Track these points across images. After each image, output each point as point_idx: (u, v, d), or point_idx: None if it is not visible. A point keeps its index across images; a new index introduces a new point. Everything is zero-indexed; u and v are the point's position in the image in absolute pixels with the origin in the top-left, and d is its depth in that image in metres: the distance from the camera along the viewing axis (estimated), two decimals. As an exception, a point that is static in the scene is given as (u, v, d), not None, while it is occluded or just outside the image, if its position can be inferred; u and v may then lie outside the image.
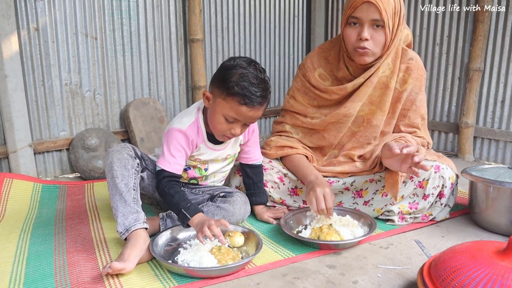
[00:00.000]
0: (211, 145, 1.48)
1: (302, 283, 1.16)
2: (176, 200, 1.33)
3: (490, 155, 2.45)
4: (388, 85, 1.58)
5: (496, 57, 2.34)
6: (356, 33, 1.48)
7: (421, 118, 1.63)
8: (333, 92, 1.62)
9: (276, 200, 1.67)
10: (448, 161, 1.57)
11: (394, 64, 1.58)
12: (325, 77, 1.66)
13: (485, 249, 1.01)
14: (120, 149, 1.37)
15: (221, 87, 1.33)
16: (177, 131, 1.41)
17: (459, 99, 2.53)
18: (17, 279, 1.17)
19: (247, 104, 1.30)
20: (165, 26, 2.50)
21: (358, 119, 1.63)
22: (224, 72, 1.33)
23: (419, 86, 1.60)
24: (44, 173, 2.22)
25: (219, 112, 1.35)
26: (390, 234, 1.47)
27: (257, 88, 1.31)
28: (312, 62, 1.68)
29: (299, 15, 3.18)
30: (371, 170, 1.56)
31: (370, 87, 1.58)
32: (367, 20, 1.45)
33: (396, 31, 1.50)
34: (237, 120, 1.35)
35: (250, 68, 1.32)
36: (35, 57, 2.10)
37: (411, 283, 1.16)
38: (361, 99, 1.59)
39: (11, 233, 1.49)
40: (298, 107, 1.70)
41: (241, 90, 1.29)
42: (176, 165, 1.40)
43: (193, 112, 1.46)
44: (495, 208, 1.45)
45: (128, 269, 1.16)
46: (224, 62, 1.37)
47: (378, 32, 1.47)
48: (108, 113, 2.39)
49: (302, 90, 1.70)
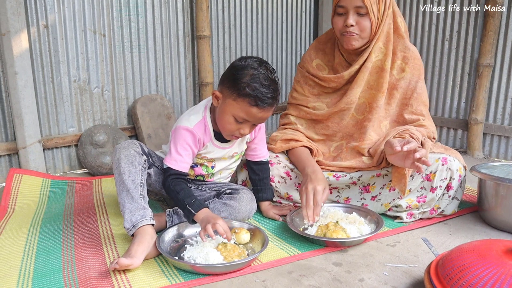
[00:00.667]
0: (218, 144, 1.48)
1: (307, 281, 1.16)
2: (181, 197, 1.34)
3: (500, 152, 2.42)
4: (383, 67, 1.64)
5: (507, 53, 2.31)
6: (342, 21, 1.58)
7: (423, 104, 1.66)
8: (330, 80, 1.69)
9: (283, 195, 1.67)
10: (456, 153, 1.56)
11: (386, 47, 1.64)
12: (322, 67, 1.75)
13: (494, 248, 0.99)
14: (127, 145, 1.38)
15: (231, 88, 1.32)
16: (184, 130, 1.41)
17: (469, 95, 2.50)
18: (26, 274, 1.19)
19: (258, 106, 1.30)
20: (172, 23, 2.51)
21: (361, 106, 1.68)
22: (235, 73, 1.32)
23: (418, 74, 1.65)
24: (53, 168, 2.24)
25: (229, 112, 1.34)
26: (397, 232, 1.46)
27: (268, 90, 1.30)
28: (310, 54, 1.78)
29: (307, 10, 3.16)
30: (378, 166, 1.55)
31: (366, 73, 1.64)
32: (351, 7, 1.54)
33: (383, 16, 1.59)
34: (247, 121, 1.35)
35: (261, 69, 1.31)
36: (44, 54, 2.12)
37: (418, 281, 1.15)
38: (359, 85, 1.65)
39: (21, 228, 1.51)
40: (299, 98, 1.77)
41: (252, 92, 1.28)
42: (182, 163, 1.41)
43: (200, 110, 1.46)
44: (504, 206, 1.43)
45: (135, 265, 1.17)
46: (235, 61, 1.36)
47: (363, 18, 1.56)
48: (116, 110, 2.40)
49: (302, 81, 1.78)
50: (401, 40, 1.66)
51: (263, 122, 1.40)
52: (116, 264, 1.14)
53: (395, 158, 1.41)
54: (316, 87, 1.74)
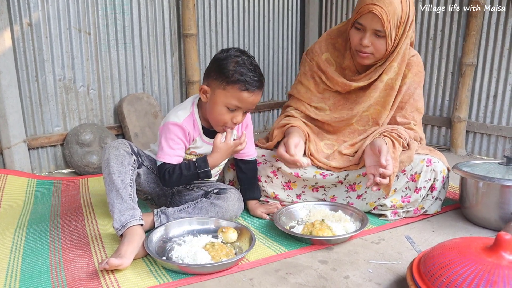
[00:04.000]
0: (206, 139, 1.50)
1: (294, 279, 1.18)
2: (186, 173, 1.40)
3: (482, 149, 2.48)
4: (393, 86, 1.63)
5: (489, 52, 2.36)
6: (359, 37, 1.54)
7: (418, 111, 1.66)
8: (337, 83, 1.67)
9: (269, 195, 1.69)
10: (440, 155, 1.59)
11: (399, 68, 1.63)
12: (330, 62, 1.71)
13: (473, 245, 1.03)
14: (117, 145, 1.39)
15: (219, 78, 1.35)
16: (174, 125, 1.42)
17: (452, 93, 2.55)
18: (13, 276, 1.19)
19: (248, 90, 1.35)
20: (158, 21, 2.50)
21: (364, 118, 1.69)
22: (220, 63, 1.36)
23: (418, 81, 1.65)
24: (38, 168, 2.22)
25: (220, 102, 1.37)
26: (381, 229, 1.49)
27: (254, 73, 1.36)
28: (320, 47, 1.73)
29: (293, 8, 3.18)
30: (357, 164, 1.58)
31: (376, 92, 1.63)
32: (370, 28, 1.51)
33: (400, 39, 1.56)
34: (239, 108, 1.38)
35: (243, 56, 1.38)
36: (28, 53, 2.10)
37: (401, 278, 1.18)
38: (365, 101, 1.64)
39: (6, 229, 1.50)
40: (304, 94, 1.74)
41: (241, 77, 1.33)
42: (176, 157, 1.43)
43: (188, 106, 1.48)
44: (484, 203, 1.47)
45: (125, 265, 1.18)
46: (216, 55, 1.41)
47: (379, 41, 1.53)
48: (102, 109, 2.39)
49: (309, 74, 1.74)
50: (410, 50, 1.65)
51: (253, 107, 1.43)
52: (106, 264, 1.14)
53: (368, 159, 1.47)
54: (321, 84, 1.71)
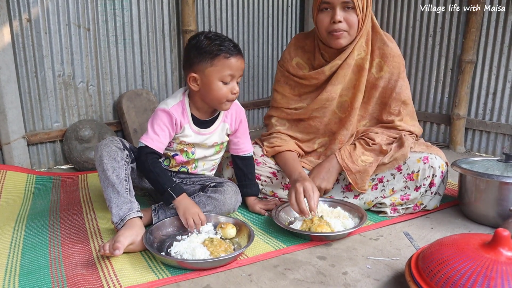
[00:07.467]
0: (195, 129, 1.50)
1: (292, 274, 1.19)
2: (162, 180, 1.39)
3: (481, 146, 2.48)
4: (363, 66, 1.62)
5: (489, 49, 2.35)
6: (328, 17, 1.52)
7: (403, 103, 1.64)
8: (311, 77, 1.65)
9: (268, 193, 1.69)
10: (437, 150, 1.59)
11: (367, 45, 1.61)
12: (302, 65, 1.70)
13: (472, 242, 1.03)
14: (108, 142, 1.40)
15: (203, 58, 1.39)
16: (161, 111, 1.45)
17: (451, 90, 2.54)
18: (12, 271, 1.19)
19: (232, 55, 1.39)
20: (158, 17, 2.49)
21: (344, 104, 1.66)
22: (197, 47, 1.40)
23: (397, 73, 1.62)
24: (37, 164, 2.22)
25: (214, 79, 1.39)
26: (380, 226, 1.50)
27: (229, 42, 1.41)
28: (289, 52, 1.73)
29: (293, 5, 3.17)
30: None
31: (348, 69, 1.61)
32: (338, 2, 1.50)
33: (366, 12, 1.55)
34: (232, 76, 1.41)
35: (210, 33, 1.43)
36: (27, 49, 2.09)
37: (400, 274, 1.19)
38: (340, 81, 1.62)
39: (6, 224, 1.50)
40: (281, 100, 1.73)
41: (221, 47, 1.38)
42: (158, 143, 1.44)
43: (178, 95, 1.50)
44: (483, 200, 1.48)
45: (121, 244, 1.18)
46: (187, 45, 1.45)
47: (350, 13, 1.51)
48: (101, 105, 2.38)
49: (283, 81, 1.74)
50: (379, 36, 1.63)
51: (242, 72, 1.45)
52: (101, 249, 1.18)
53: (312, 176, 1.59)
54: (297, 87, 1.71)
